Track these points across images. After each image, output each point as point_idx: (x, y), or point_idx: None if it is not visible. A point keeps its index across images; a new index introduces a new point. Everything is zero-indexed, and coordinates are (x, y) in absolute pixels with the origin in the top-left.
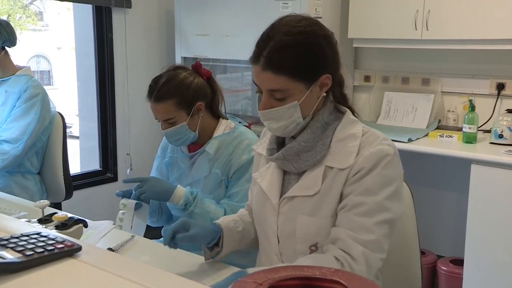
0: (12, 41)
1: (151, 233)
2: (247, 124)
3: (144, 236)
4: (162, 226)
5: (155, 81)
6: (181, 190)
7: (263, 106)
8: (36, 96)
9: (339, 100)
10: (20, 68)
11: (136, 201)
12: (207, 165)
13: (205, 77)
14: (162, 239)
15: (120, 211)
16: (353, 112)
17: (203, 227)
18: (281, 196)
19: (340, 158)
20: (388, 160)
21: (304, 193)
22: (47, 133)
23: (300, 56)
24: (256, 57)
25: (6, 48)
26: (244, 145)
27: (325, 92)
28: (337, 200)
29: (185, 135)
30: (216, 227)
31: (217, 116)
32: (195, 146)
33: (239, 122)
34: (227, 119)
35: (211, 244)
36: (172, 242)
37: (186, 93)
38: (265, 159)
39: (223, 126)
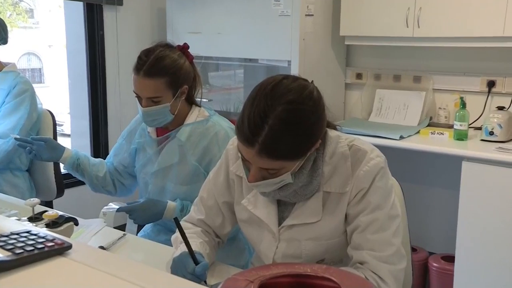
0: (5, 39)
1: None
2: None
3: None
4: None
5: (146, 54)
6: (172, 207)
7: (254, 179)
8: (25, 92)
9: None
10: (6, 64)
11: (117, 208)
12: (177, 151)
13: (190, 60)
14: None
15: (102, 213)
16: (329, 124)
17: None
18: (279, 223)
19: (336, 182)
20: (382, 172)
21: (304, 221)
22: (35, 129)
23: (296, 142)
24: (248, 141)
25: None
26: (221, 138)
27: None
28: (342, 221)
29: (163, 116)
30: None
31: (190, 102)
32: (164, 130)
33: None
34: (201, 107)
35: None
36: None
37: (178, 74)
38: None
39: (196, 113)
